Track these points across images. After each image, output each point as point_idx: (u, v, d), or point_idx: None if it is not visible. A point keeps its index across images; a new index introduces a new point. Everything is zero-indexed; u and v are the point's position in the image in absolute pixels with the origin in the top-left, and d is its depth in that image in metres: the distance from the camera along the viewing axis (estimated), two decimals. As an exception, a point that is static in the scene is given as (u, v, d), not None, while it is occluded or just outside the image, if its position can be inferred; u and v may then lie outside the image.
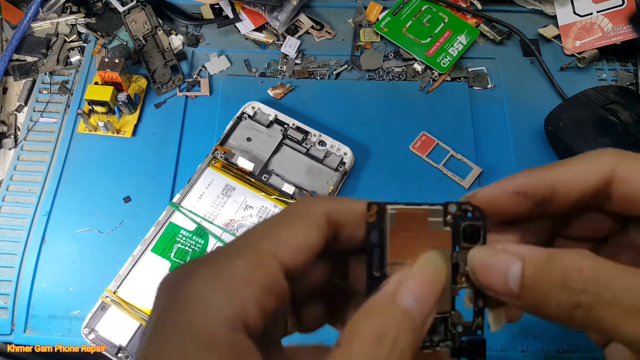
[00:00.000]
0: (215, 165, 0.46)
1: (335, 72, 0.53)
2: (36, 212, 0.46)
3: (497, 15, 0.56)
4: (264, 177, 0.46)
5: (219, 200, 0.44)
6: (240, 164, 0.45)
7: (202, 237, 0.43)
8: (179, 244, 0.43)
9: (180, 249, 0.42)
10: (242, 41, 0.55)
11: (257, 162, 0.46)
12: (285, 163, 0.46)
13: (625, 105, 0.45)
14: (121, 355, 0.39)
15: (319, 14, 0.57)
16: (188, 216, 0.43)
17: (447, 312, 0.21)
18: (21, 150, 0.49)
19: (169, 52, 0.52)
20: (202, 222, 0.43)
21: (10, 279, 0.43)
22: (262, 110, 0.48)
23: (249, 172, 0.45)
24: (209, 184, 0.45)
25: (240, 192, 0.44)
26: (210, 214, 0.44)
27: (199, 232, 0.43)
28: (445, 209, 0.20)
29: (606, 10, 0.54)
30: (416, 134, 0.49)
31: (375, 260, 0.20)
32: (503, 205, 0.21)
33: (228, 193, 0.44)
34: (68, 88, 0.52)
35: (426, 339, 0.20)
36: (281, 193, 0.45)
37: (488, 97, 0.52)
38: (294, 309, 0.21)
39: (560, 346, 0.41)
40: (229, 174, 0.45)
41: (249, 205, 0.44)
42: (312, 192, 0.45)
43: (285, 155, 0.47)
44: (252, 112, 0.48)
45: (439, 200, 0.22)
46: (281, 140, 0.47)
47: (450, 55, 0.53)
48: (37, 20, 0.56)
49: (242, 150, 0.47)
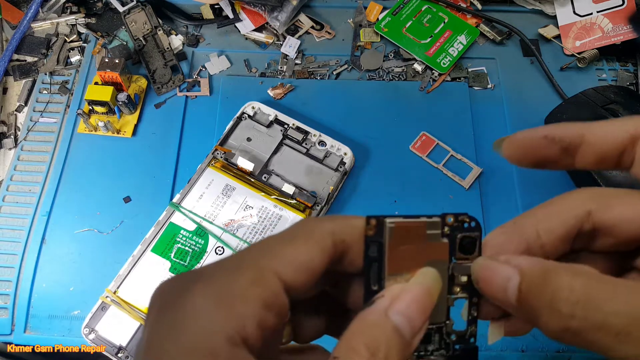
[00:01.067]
0: (215, 165, 0.46)
1: (335, 72, 0.53)
2: (36, 212, 0.46)
3: (497, 15, 0.56)
4: (264, 177, 0.45)
5: (219, 201, 0.44)
6: (240, 164, 0.45)
7: (202, 237, 0.43)
8: (179, 244, 0.43)
9: (181, 249, 0.42)
10: (242, 41, 0.55)
11: (257, 162, 0.46)
12: (285, 163, 0.46)
13: (625, 105, 0.45)
14: (121, 355, 0.39)
15: (319, 14, 0.57)
16: (188, 216, 0.43)
17: (442, 322, 0.21)
18: (21, 151, 0.49)
19: (169, 52, 0.52)
20: (202, 222, 0.43)
21: (10, 279, 0.43)
22: (262, 110, 0.48)
23: (249, 172, 0.45)
24: (209, 184, 0.45)
25: (240, 192, 0.44)
26: (210, 214, 0.44)
27: (199, 232, 0.43)
28: (443, 221, 0.20)
29: (606, 10, 0.54)
30: (416, 134, 0.49)
31: (374, 274, 0.20)
32: (533, 147, 0.22)
33: (228, 193, 0.44)
34: (68, 88, 0.52)
35: (421, 347, 0.21)
36: (281, 193, 0.44)
37: (488, 97, 0.52)
38: (292, 319, 0.21)
39: (560, 346, 0.41)
40: (229, 174, 0.45)
41: (249, 205, 0.44)
42: (312, 192, 0.45)
43: (285, 155, 0.47)
44: (252, 112, 0.48)
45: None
46: (281, 140, 0.47)
47: (450, 55, 0.53)
48: (37, 20, 0.56)
49: (242, 150, 0.47)
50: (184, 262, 0.42)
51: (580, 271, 0.18)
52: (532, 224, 0.21)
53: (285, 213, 0.44)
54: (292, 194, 0.44)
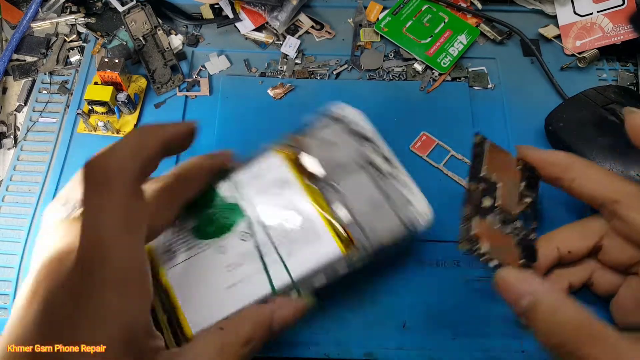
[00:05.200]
0: (284, 152, 0.39)
1: (335, 72, 0.53)
2: (36, 212, 0.46)
3: (497, 15, 0.56)
4: (326, 188, 0.38)
5: (268, 189, 0.38)
6: (310, 165, 0.39)
7: (234, 215, 0.37)
8: (211, 208, 0.38)
9: (209, 214, 0.37)
10: (242, 41, 0.55)
11: (328, 169, 0.39)
12: (353, 185, 0.38)
13: (625, 105, 0.45)
14: None
15: (319, 13, 0.57)
16: (235, 188, 0.38)
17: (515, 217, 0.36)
18: (21, 150, 0.49)
19: (168, 52, 0.52)
20: (242, 201, 0.38)
21: (10, 279, 0.43)
22: (361, 123, 0.41)
23: (316, 176, 0.39)
24: (268, 168, 0.39)
25: (294, 192, 0.38)
26: (252, 197, 0.38)
27: (234, 208, 0.38)
28: (518, 160, 0.38)
29: (606, 10, 0.54)
30: (416, 133, 0.49)
31: (477, 165, 0.37)
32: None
33: (282, 186, 0.38)
34: (68, 88, 0.52)
35: (501, 227, 0.35)
36: (333, 213, 0.37)
37: (488, 97, 0.52)
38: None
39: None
40: (293, 168, 0.39)
41: (297, 209, 0.37)
42: (363, 228, 0.36)
43: (358, 178, 0.39)
44: (351, 119, 0.41)
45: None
46: (363, 162, 0.39)
47: (451, 55, 0.53)
48: (37, 20, 0.56)
49: (321, 151, 0.40)
50: (209, 227, 0.37)
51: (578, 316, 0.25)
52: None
53: (326, 236, 0.36)
54: (344, 221, 0.37)
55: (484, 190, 0.36)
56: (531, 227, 0.35)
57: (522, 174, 0.37)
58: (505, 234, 0.34)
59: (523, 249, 0.34)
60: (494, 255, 0.32)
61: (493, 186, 0.37)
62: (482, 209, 0.36)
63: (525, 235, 0.35)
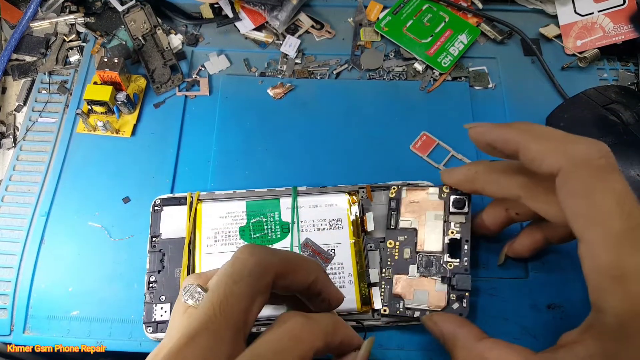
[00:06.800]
0: (352, 196, 0.42)
1: (335, 72, 0.53)
2: (35, 212, 0.46)
3: (498, 14, 0.56)
4: (370, 245, 0.41)
5: (324, 224, 0.41)
6: (366, 218, 0.41)
7: (283, 233, 0.40)
8: (265, 218, 0.41)
9: (261, 224, 0.41)
10: (242, 40, 0.55)
11: (378, 226, 0.42)
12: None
13: (626, 105, 0.45)
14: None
15: (319, 13, 0.57)
16: (294, 208, 0.41)
17: (440, 253, 0.39)
18: (20, 150, 0.49)
19: (168, 52, 0.52)
20: (295, 224, 0.41)
21: (9, 279, 0.43)
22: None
23: (365, 228, 0.41)
24: (332, 204, 0.42)
25: (344, 234, 0.41)
26: (306, 224, 0.41)
27: (285, 228, 0.41)
28: (441, 189, 0.40)
29: (607, 9, 0.54)
30: (417, 133, 0.49)
31: (392, 218, 0.40)
32: (482, 144, 0.34)
33: (336, 224, 0.41)
34: (67, 88, 0.52)
35: (425, 271, 0.39)
36: (366, 274, 0.40)
37: (489, 97, 0.52)
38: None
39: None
40: (350, 213, 0.42)
41: (341, 251, 0.40)
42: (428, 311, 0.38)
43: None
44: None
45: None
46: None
47: (451, 54, 0.53)
48: (36, 19, 0.56)
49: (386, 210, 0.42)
50: (260, 234, 0.41)
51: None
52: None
53: (347, 288, 0.39)
54: (373, 283, 0.40)
55: (402, 243, 0.40)
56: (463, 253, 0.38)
57: (446, 202, 0.39)
58: (431, 277, 0.38)
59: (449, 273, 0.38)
60: (415, 305, 0.38)
61: (413, 233, 0.40)
62: (403, 261, 0.39)
63: (454, 268, 0.38)
